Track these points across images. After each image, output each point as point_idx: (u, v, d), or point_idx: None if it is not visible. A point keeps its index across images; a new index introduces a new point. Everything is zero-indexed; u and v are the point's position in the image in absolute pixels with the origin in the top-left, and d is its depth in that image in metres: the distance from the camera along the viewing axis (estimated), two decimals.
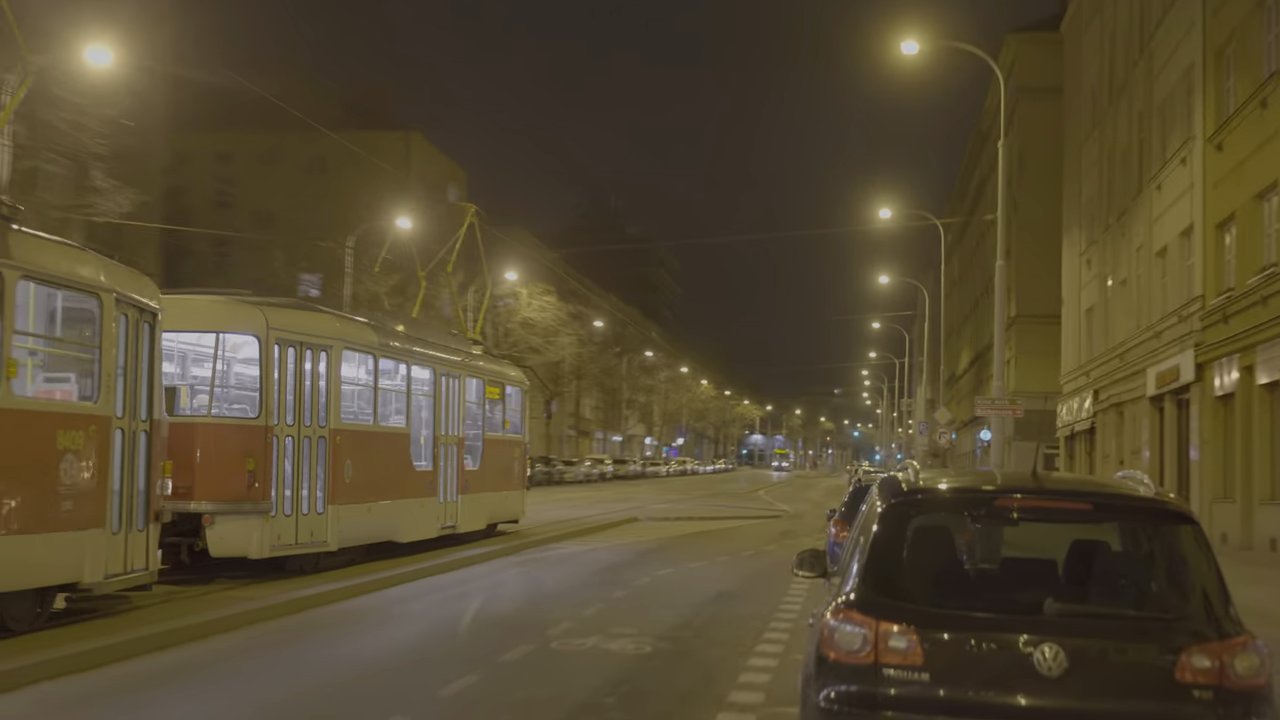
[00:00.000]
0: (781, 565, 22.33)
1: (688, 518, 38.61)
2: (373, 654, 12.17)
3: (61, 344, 12.57)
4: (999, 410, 31.12)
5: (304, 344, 17.67)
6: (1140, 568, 6.40)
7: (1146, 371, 33.16)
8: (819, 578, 7.51)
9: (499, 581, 19.41)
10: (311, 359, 17.84)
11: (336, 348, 18.45)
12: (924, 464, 62.69)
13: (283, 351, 17.22)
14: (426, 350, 22.47)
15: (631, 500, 51.43)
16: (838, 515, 18.79)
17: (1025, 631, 5.75)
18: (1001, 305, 32.22)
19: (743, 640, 13.50)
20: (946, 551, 6.56)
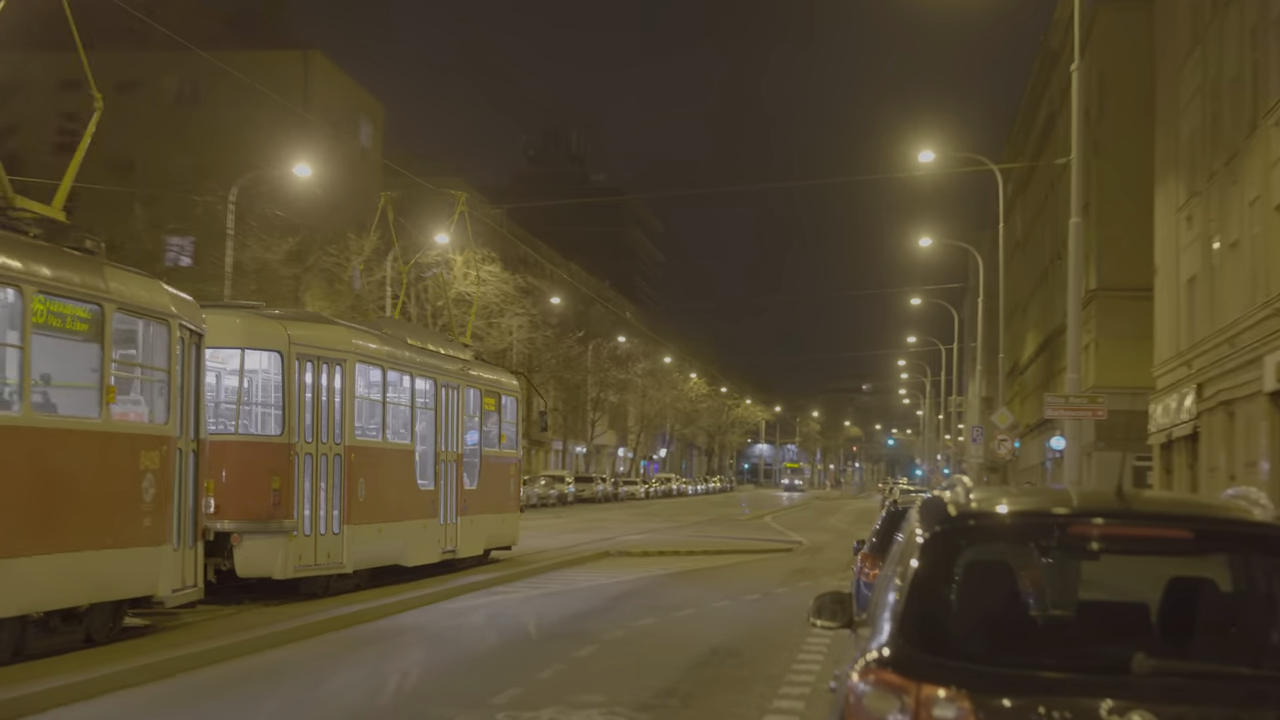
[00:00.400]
0: (795, 612, 22.37)
1: (674, 551, 38.73)
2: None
3: (141, 369, 16.77)
4: (1075, 411, 31.23)
5: (321, 358, 21.42)
6: (1257, 613, 6.41)
7: (1264, 360, 33.32)
8: (843, 628, 7.51)
9: (435, 635, 19.40)
10: (328, 374, 21.60)
11: (350, 361, 22.20)
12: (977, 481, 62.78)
13: (302, 366, 20.96)
14: (428, 360, 26.09)
15: (600, 529, 51.45)
16: (867, 548, 18.83)
17: (1109, 696, 5.76)
18: (1077, 275, 32.32)
19: (745, 713, 13.54)
20: (1007, 593, 6.57)
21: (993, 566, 6.59)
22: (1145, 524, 6.51)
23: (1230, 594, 6.54)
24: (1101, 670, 5.92)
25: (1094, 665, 5.98)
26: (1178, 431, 43.17)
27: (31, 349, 14.18)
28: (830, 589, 7.97)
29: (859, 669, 6.14)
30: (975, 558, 6.55)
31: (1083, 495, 7.11)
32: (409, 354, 25.31)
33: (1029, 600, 7.21)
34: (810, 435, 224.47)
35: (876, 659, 6.07)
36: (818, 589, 20.32)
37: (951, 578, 6.35)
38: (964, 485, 7.07)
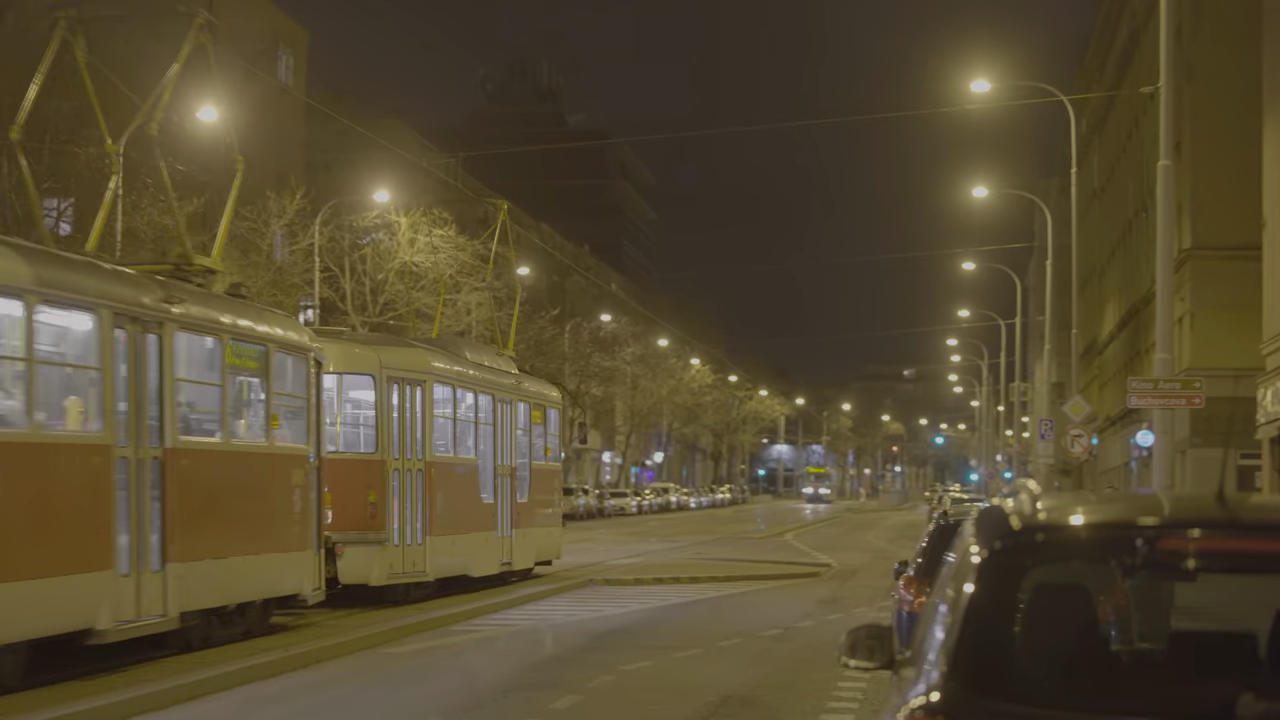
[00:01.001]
0: (823, 651, 22.46)
1: (673, 578, 38.79)
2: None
3: (289, 398, 23.68)
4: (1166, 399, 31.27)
5: (405, 380, 28.68)
6: None
7: None
8: (882, 668, 7.54)
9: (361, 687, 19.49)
10: (410, 394, 28.82)
11: (429, 381, 29.50)
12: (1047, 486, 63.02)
13: (390, 389, 28.20)
14: (487, 376, 33.11)
15: (583, 551, 51.50)
16: (911, 570, 18.92)
17: None
18: (1168, 232, 32.35)
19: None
20: (1082, 622, 6.60)
21: (1065, 590, 6.62)
22: (1254, 536, 6.54)
23: None
24: (1199, 715, 5.96)
25: (1190, 710, 6.02)
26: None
27: (227, 387, 21.55)
28: (866, 621, 7.98)
29: (902, 718, 6.18)
30: (1043, 580, 6.57)
31: (1175, 502, 7.13)
32: (473, 372, 32.43)
33: (1110, 631, 7.24)
34: (840, 433, 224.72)
35: (924, 706, 6.10)
36: (850, 622, 20.38)
37: (1014, 605, 6.38)
38: (1029, 492, 7.09)
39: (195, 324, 21.13)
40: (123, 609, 18.90)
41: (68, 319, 19.00)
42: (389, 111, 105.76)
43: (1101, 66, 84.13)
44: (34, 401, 17.57)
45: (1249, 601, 6.90)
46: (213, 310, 21.65)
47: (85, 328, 19.04)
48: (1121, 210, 74.91)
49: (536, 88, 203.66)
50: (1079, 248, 59.85)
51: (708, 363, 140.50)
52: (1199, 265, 53.88)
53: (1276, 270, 45.67)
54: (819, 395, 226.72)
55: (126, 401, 19.54)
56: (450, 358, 31.36)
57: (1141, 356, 63.85)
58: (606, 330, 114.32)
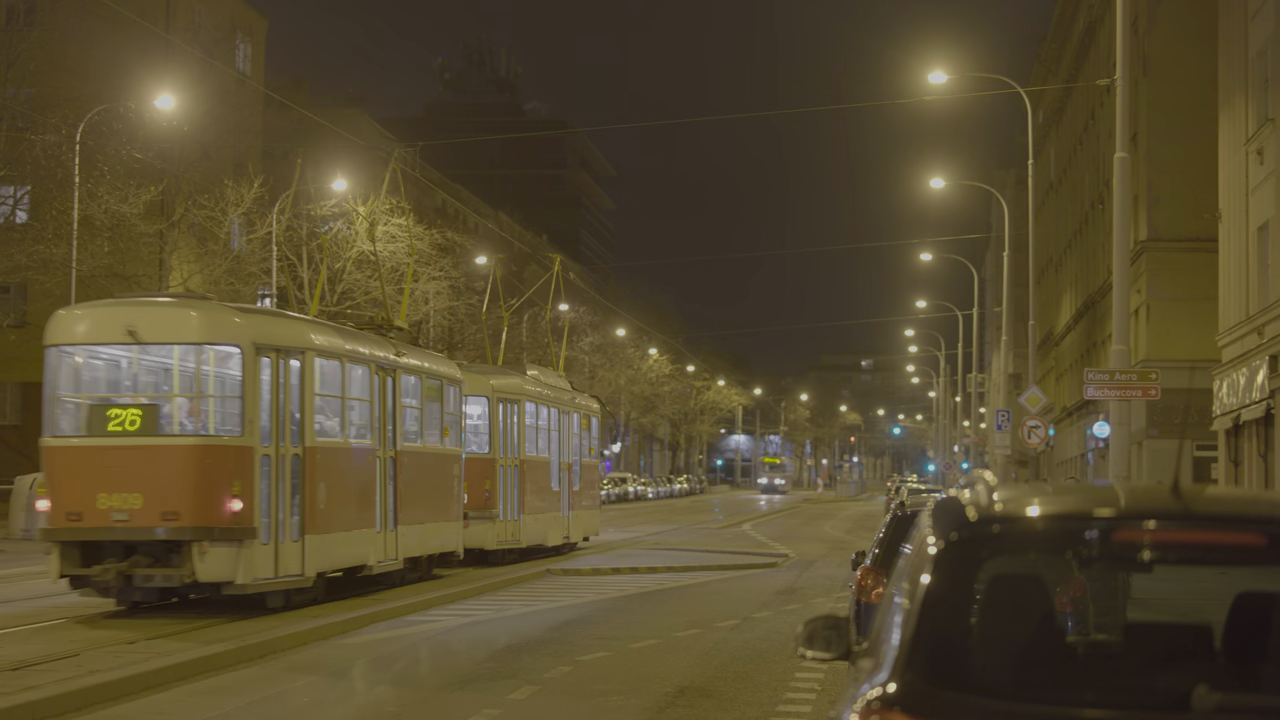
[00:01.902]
0: (780, 642, 22.51)
1: (630, 569, 38.91)
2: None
3: (451, 414, 33.83)
4: (1122, 390, 31.41)
5: (506, 399, 39.32)
6: None
7: None
8: (839, 659, 7.55)
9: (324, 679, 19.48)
10: (510, 410, 39.51)
11: (522, 400, 39.98)
12: (1004, 477, 63.25)
13: (496, 406, 39.00)
14: (552, 394, 43.43)
15: None
16: (869, 561, 18.95)
17: None
18: (1124, 223, 32.48)
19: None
20: (1039, 614, 6.63)
21: (1021, 581, 6.64)
22: (1208, 527, 6.56)
23: None
24: (1155, 707, 5.98)
25: (1145, 701, 6.04)
26: (1248, 414, 43.45)
27: (391, 405, 29.81)
28: (823, 612, 7.98)
29: (859, 709, 6.19)
30: (1000, 571, 6.60)
31: (1131, 493, 7.15)
32: (546, 392, 42.69)
33: (1066, 622, 7.27)
34: (798, 423, 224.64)
35: (880, 697, 6.12)
36: (808, 613, 20.46)
37: (971, 596, 6.40)
38: (985, 483, 7.11)
39: (410, 369, 31.34)
40: (379, 554, 29.14)
41: (355, 371, 28.42)
42: (347, 100, 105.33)
43: (1058, 59, 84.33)
44: (345, 422, 27.97)
45: (1205, 592, 6.93)
46: (416, 358, 32.35)
47: (362, 374, 28.76)
48: (1078, 202, 75.16)
49: (494, 76, 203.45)
50: (1036, 239, 60.10)
51: (665, 353, 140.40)
52: (1155, 257, 54.11)
53: (1232, 262, 45.86)
54: (777, 385, 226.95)
55: (379, 421, 29.35)
56: (531, 381, 41.66)
57: (1098, 348, 64.10)
58: (564, 320, 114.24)
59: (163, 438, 24.11)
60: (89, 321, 25.21)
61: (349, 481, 27.70)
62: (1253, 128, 43.38)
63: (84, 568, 23.64)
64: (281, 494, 24.91)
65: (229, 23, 74.60)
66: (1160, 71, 54.37)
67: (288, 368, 25.25)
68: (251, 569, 24.00)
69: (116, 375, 25.79)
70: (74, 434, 24.39)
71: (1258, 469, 43.41)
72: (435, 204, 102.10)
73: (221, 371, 25.01)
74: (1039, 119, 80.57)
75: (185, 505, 23.50)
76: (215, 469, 23.86)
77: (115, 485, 23.64)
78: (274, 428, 24.79)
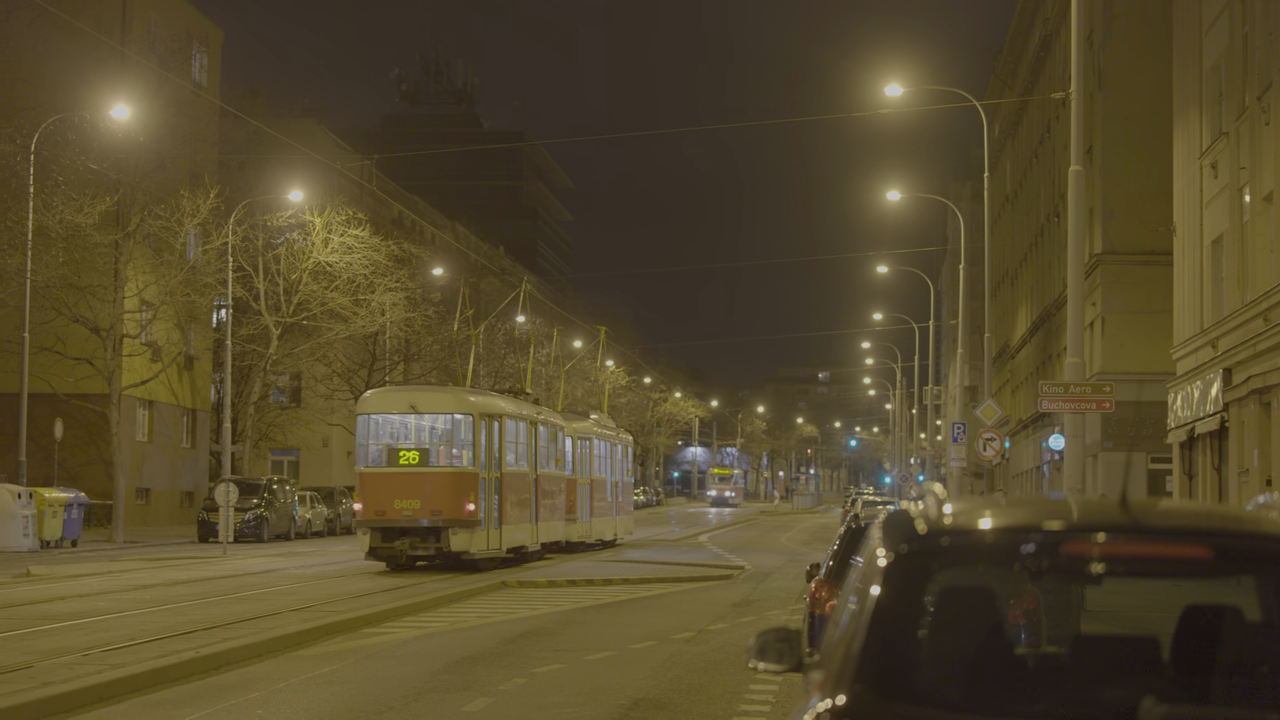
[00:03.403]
0: (736, 654, 22.52)
1: (586, 580, 38.88)
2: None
3: (558, 448, 51.99)
4: (1076, 403, 31.53)
5: (580, 437, 55.19)
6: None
7: None
8: (791, 671, 7.55)
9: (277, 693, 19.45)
10: (582, 443, 55.74)
11: (591, 438, 57.03)
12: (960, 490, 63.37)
13: (576, 442, 54.88)
14: (606, 431, 60.11)
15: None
16: (823, 573, 18.99)
17: None
18: (1079, 236, 32.62)
19: None
20: (989, 627, 6.64)
21: (971, 594, 6.65)
22: (1156, 540, 6.58)
23: (1258, 624, 6.62)
24: (1102, 719, 6.02)
25: (1093, 713, 6.07)
26: (1201, 426, 43.66)
27: (535, 445, 46.69)
28: (778, 625, 7.98)
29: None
30: (950, 584, 6.61)
31: (1083, 506, 7.16)
32: (605, 431, 60.38)
33: (1019, 634, 7.29)
34: (755, 435, 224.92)
35: (830, 709, 6.13)
36: (763, 625, 20.48)
37: (920, 608, 6.42)
38: (936, 496, 7.13)
39: (541, 421, 47.92)
40: (532, 540, 46.01)
41: (520, 425, 45.31)
42: (304, 111, 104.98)
43: (1014, 72, 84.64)
44: (517, 456, 44.53)
45: (1161, 605, 6.96)
46: (543, 414, 48.80)
47: (523, 426, 45.69)
48: (1034, 215, 75.42)
49: (451, 88, 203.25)
50: (992, 252, 60.22)
51: (622, 364, 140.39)
52: (1110, 270, 54.32)
53: (1186, 276, 46.07)
54: (734, 398, 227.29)
55: (534, 457, 46.49)
56: (594, 424, 58.87)
57: (1053, 361, 64.33)
58: (521, 331, 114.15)
59: (430, 468, 41.16)
60: (385, 400, 42.99)
61: (519, 494, 45.14)
62: (1207, 141, 43.60)
63: (382, 543, 40.56)
64: (491, 501, 42.06)
65: (185, 33, 74.41)
66: (1115, 85, 54.65)
67: (492, 426, 42.52)
68: (477, 545, 41.09)
69: (404, 431, 41.98)
70: (377, 466, 41.19)
71: (1212, 481, 43.60)
72: (392, 215, 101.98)
73: (461, 430, 41.44)
74: (995, 132, 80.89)
75: (443, 506, 40.46)
76: (459, 486, 40.83)
77: (403, 495, 40.57)
78: (487, 462, 42.08)
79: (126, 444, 64.66)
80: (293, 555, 49.97)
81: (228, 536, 50.90)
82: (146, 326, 66.24)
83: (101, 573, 40.36)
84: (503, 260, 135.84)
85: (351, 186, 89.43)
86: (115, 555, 49.73)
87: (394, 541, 40.40)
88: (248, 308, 70.25)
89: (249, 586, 34.90)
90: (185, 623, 25.17)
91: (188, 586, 34.83)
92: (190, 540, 59.89)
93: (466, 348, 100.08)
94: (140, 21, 70.61)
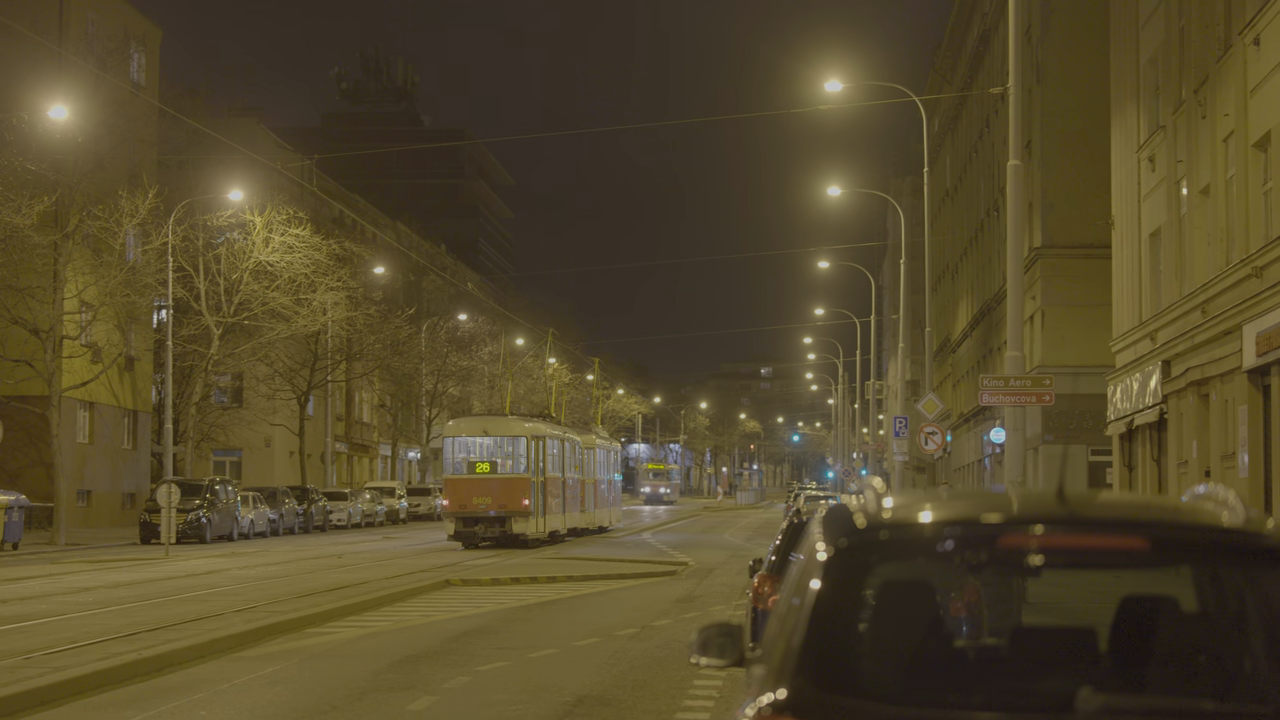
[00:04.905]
0: (680, 649, 22.55)
1: (530, 578, 38.86)
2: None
3: (580, 458, 69.28)
4: (1016, 396, 31.67)
5: (587, 447, 70.50)
6: (1225, 636, 6.59)
7: (1242, 330, 34.01)
8: (734, 666, 7.55)
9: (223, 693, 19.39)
10: (589, 451, 71.01)
11: (595, 448, 72.75)
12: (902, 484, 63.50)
13: (585, 451, 69.80)
14: (600, 441, 75.88)
15: (439, 554, 51.41)
16: (765, 568, 19.04)
17: None
18: (1018, 230, 32.75)
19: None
20: (929, 619, 6.65)
21: (911, 588, 6.67)
22: (1092, 532, 6.62)
23: (1194, 614, 6.67)
24: (1040, 709, 6.04)
25: (1032, 703, 6.10)
26: (1141, 418, 43.92)
27: (564, 456, 63.47)
28: (720, 620, 7.98)
29: (750, 715, 6.22)
30: (889, 577, 6.64)
31: (1022, 499, 7.18)
32: (602, 441, 76.18)
33: (960, 626, 7.32)
34: (698, 432, 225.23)
35: (771, 703, 6.15)
36: (707, 620, 20.49)
37: (860, 602, 6.44)
38: (874, 490, 7.14)
39: (566, 438, 63.62)
40: (563, 526, 62.28)
41: (555, 442, 60.86)
42: (243, 110, 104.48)
43: (953, 67, 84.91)
44: (553, 464, 60.46)
45: (1100, 596, 7.00)
46: (566, 432, 65.17)
47: (555, 443, 61.29)
48: (973, 209, 75.68)
49: (392, 86, 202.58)
50: (932, 246, 60.42)
51: (565, 361, 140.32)
52: (1049, 264, 54.57)
53: (1125, 269, 46.33)
54: (676, 394, 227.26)
55: (563, 465, 62.37)
56: (596, 435, 74.82)
57: (994, 354, 64.59)
58: (463, 330, 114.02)
59: (498, 475, 56.65)
60: (464, 426, 60.06)
61: (555, 493, 60.52)
62: (1144, 135, 43.85)
63: (462, 528, 55.99)
64: (538, 498, 57.43)
65: (122, 32, 73.98)
66: (1053, 79, 54.90)
67: (537, 444, 58.18)
68: (530, 529, 56.32)
69: (479, 449, 57.69)
70: (459, 474, 57.15)
71: (1152, 473, 43.87)
72: (333, 214, 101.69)
73: (519, 447, 57.35)
74: (934, 127, 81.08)
75: (507, 501, 55.87)
76: (518, 487, 56.26)
77: (478, 494, 55.96)
78: (536, 469, 57.61)
79: (67, 446, 64.34)
80: (237, 555, 49.86)
81: (170, 538, 50.61)
82: (86, 328, 65.91)
83: (43, 575, 40.18)
84: (444, 258, 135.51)
85: (292, 186, 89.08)
86: (57, 557, 49.55)
87: (472, 527, 55.74)
88: (188, 308, 69.97)
89: (192, 588, 34.82)
90: (128, 625, 25.08)
91: (130, 588, 34.72)
92: (132, 542, 59.64)
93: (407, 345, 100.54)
94: (78, 21, 70.17)
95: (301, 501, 74.48)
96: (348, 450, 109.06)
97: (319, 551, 53.02)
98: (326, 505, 78.21)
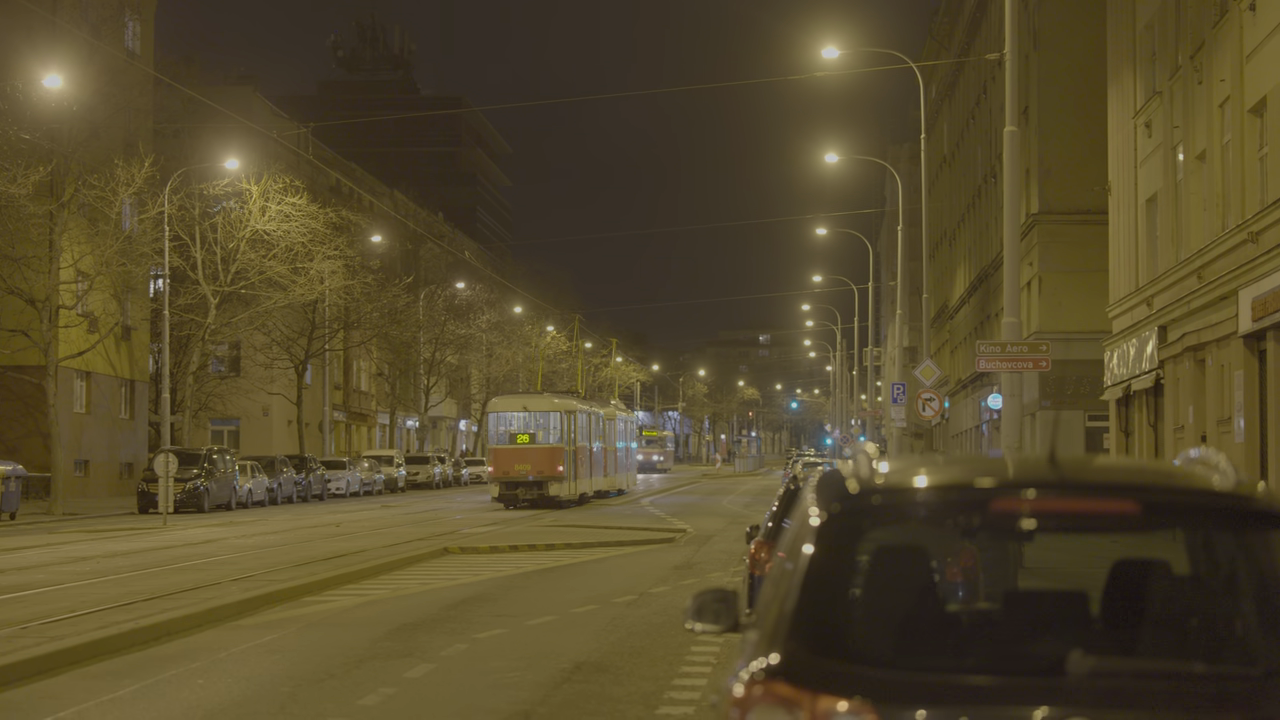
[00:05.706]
0: (677, 616, 22.56)
1: (528, 546, 38.90)
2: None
3: (603, 429, 76.47)
4: (1013, 362, 31.69)
5: (609, 418, 77.11)
6: (1216, 599, 6.63)
7: (1238, 295, 34.03)
8: (729, 632, 7.54)
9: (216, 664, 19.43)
10: (610, 422, 77.61)
11: (615, 419, 79.80)
12: (900, 450, 63.63)
13: (607, 422, 76.52)
14: (618, 413, 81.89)
15: (437, 522, 51.46)
16: (761, 535, 19.11)
17: (1040, 702, 5.91)
18: (1015, 196, 32.74)
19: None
20: (921, 584, 6.69)
21: (904, 552, 6.71)
22: (1084, 496, 6.65)
23: (1185, 578, 6.70)
24: (1032, 672, 6.08)
25: (1023, 666, 6.12)
26: (1137, 384, 43.95)
27: (590, 427, 70.35)
28: (714, 586, 7.99)
29: (744, 680, 6.24)
30: (883, 542, 6.67)
31: (1016, 464, 7.21)
32: (620, 412, 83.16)
33: (953, 592, 7.36)
34: (696, 399, 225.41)
35: (764, 668, 6.18)
36: (704, 587, 20.55)
37: (853, 566, 6.47)
38: (868, 455, 7.15)
39: (591, 411, 70.68)
40: (590, 489, 70.11)
41: (584, 415, 67.95)
42: (239, 79, 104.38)
43: (950, 33, 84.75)
44: (581, 434, 67.26)
45: (1096, 560, 7.03)
46: (594, 406, 73.33)
47: (584, 416, 68.18)
48: (971, 176, 75.63)
49: (389, 54, 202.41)
50: (930, 213, 60.39)
51: (562, 330, 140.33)
52: (1046, 230, 54.57)
53: (1121, 235, 46.34)
54: (675, 361, 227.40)
55: (589, 434, 69.33)
56: (615, 408, 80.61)
57: (991, 320, 64.59)
58: (461, 298, 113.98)
59: (536, 445, 63.51)
60: (506, 403, 66.81)
61: (583, 460, 67.19)
62: (1141, 100, 43.82)
63: (506, 491, 62.61)
64: (570, 464, 64.15)
65: (117, 1, 73.84)
66: (1050, 45, 54.82)
67: (569, 417, 64.99)
68: (564, 492, 63.42)
69: (519, 422, 64.42)
70: (503, 444, 64.36)
71: (1148, 438, 43.92)
72: (329, 182, 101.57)
73: (554, 420, 64.33)
74: (932, 94, 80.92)
75: (545, 467, 62.78)
76: (554, 455, 63.16)
77: (519, 461, 62.79)
78: (568, 439, 64.29)
79: (64, 416, 64.34)
80: (234, 524, 49.91)
81: (168, 507, 50.62)
82: (83, 297, 65.86)
83: (40, 545, 40.23)
84: (442, 227, 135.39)
85: (288, 154, 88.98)
86: (54, 527, 49.60)
87: (514, 490, 62.85)
88: (185, 277, 69.93)
89: (189, 557, 34.88)
90: (125, 594, 25.13)
91: (127, 558, 34.77)
92: (130, 511, 59.67)
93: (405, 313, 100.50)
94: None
95: (300, 470, 74.52)
96: (346, 419, 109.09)
97: (317, 520, 53.07)
98: (325, 474, 78.30)
